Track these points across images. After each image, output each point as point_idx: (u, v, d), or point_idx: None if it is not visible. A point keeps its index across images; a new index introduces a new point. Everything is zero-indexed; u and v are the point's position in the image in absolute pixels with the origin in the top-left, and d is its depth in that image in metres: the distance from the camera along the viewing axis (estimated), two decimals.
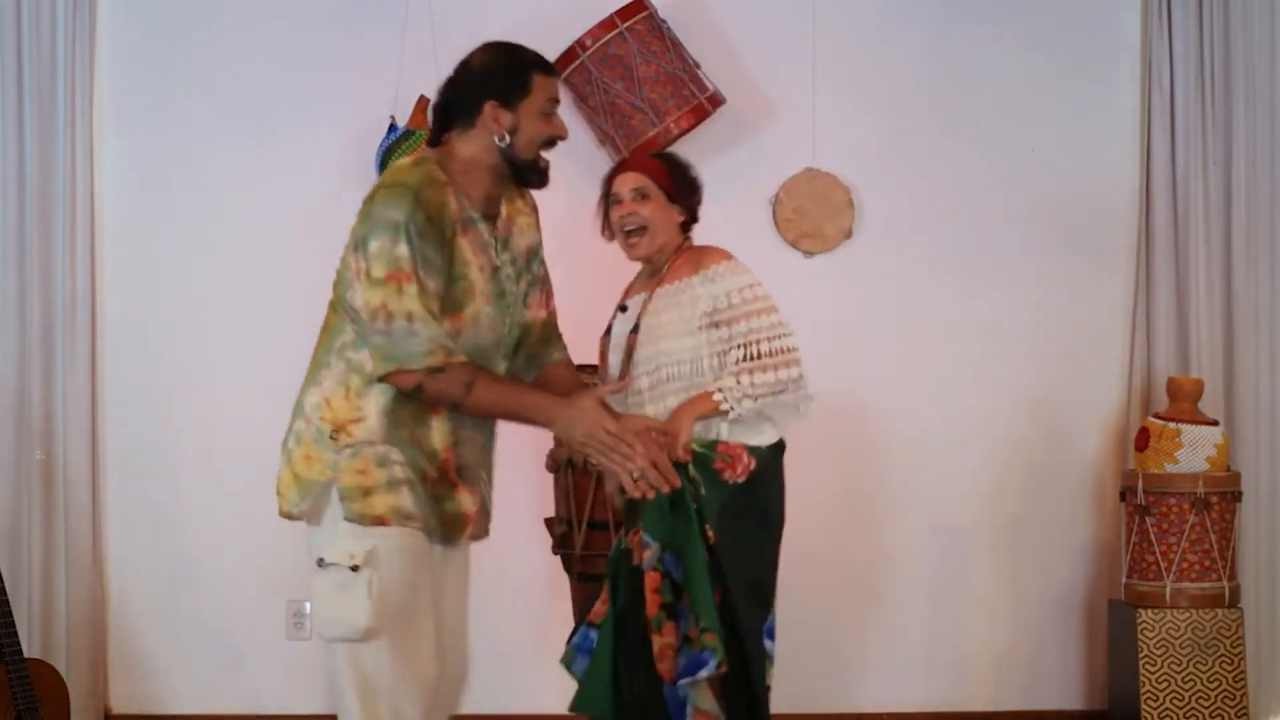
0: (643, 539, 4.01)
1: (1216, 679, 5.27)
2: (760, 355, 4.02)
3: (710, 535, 3.96)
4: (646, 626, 3.97)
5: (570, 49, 5.43)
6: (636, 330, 4.14)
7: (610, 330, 4.28)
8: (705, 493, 3.99)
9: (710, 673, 3.92)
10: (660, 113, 5.43)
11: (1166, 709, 5.25)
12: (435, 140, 3.62)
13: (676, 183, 4.24)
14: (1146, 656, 5.27)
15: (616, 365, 4.20)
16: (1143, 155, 5.74)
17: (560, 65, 5.41)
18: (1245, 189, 5.68)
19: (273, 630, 5.67)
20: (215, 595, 5.68)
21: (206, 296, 5.71)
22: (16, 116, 5.58)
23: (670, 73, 5.46)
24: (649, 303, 4.16)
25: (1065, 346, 5.78)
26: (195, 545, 5.69)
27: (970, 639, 5.76)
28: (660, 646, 3.97)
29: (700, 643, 3.92)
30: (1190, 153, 5.68)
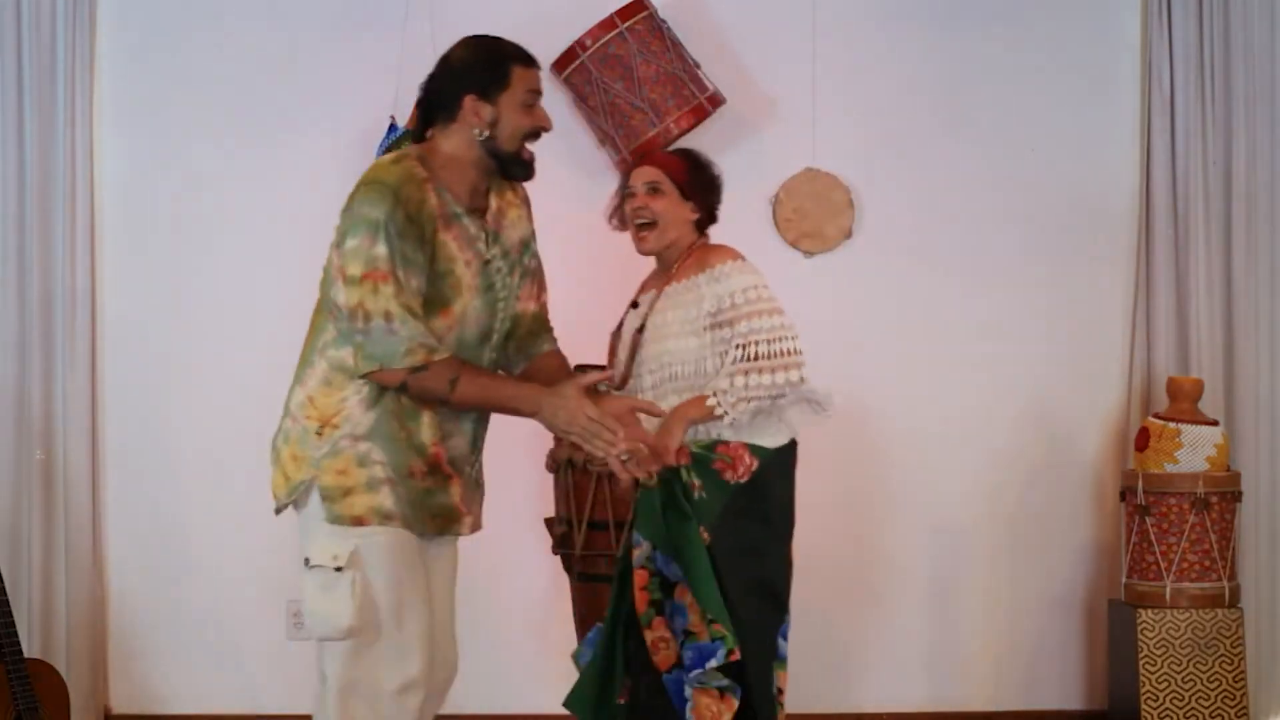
0: (634, 538, 4.01)
1: (1216, 679, 5.27)
2: (758, 357, 3.98)
3: (705, 536, 3.94)
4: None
5: (570, 49, 5.43)
6: (643, 328, 4.13)
7: (621, 327, 4.26)
8: (705, 493, 3.98)
9: (720, 661, 3.90)
10: (660, 113, 5.43)
11: (1166, 709, 5.25)
12: (420, 136, 3.62)
13: (692, 180, 4.19)
14: (1146, 656, 5.27)
15: (624, 363, 4.18)
16: (1143, 155, 5.74)
17: (560, 65, 5.42)
18: (1245, 189, 5.68)
19: (272, 630, 5.66)
20: (215, 595, 5.68)
21: (206, 296, 5.70)
22: (16, 116, 5.57)
23: (670, 73, 5.45)
24: (657, 300, 4.14)
25: (1065, 346, 5.78)
26: (195, 545, 5.69)
27: (970, 639, 5.76)
28: (652, 640, 3.97)
29: (709, 633, 3.91)
30: (1190, 153, 5.68)
